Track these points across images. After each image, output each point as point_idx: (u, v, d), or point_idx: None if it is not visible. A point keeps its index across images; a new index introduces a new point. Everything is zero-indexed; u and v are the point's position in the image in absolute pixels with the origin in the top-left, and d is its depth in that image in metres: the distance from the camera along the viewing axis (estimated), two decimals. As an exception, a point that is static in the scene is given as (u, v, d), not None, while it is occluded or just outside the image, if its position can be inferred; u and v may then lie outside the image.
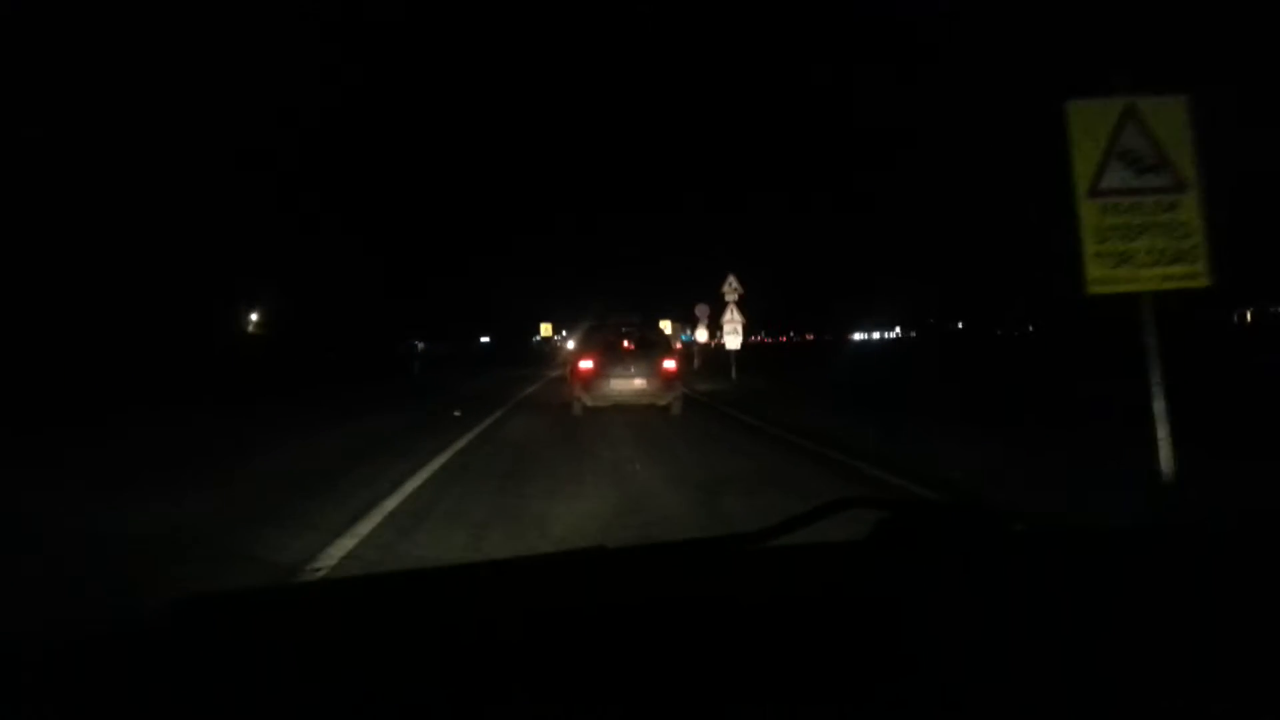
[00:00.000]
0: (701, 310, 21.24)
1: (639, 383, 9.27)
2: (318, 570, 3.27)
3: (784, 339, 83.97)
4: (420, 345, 42.49)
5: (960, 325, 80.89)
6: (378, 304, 33.30)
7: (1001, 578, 0.85)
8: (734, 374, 15.97)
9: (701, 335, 22.65)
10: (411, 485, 5.14)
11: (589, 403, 9.36)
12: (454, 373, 23.84)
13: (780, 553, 0.95)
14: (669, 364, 9.44)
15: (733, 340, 16.03)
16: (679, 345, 17.94)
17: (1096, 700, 0.59)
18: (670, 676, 0.65)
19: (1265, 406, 7.49)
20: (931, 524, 0.96)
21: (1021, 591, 0.81)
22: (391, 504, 4.55)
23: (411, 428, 8.68)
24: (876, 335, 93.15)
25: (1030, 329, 57.45)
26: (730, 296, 15.76)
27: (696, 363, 21.59)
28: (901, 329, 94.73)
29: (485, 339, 58.37)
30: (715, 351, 24.13)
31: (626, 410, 9.46)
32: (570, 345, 17.22)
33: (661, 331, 12.69)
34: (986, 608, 0.77)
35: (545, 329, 48.71)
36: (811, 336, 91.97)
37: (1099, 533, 1.10)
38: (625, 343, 9.90)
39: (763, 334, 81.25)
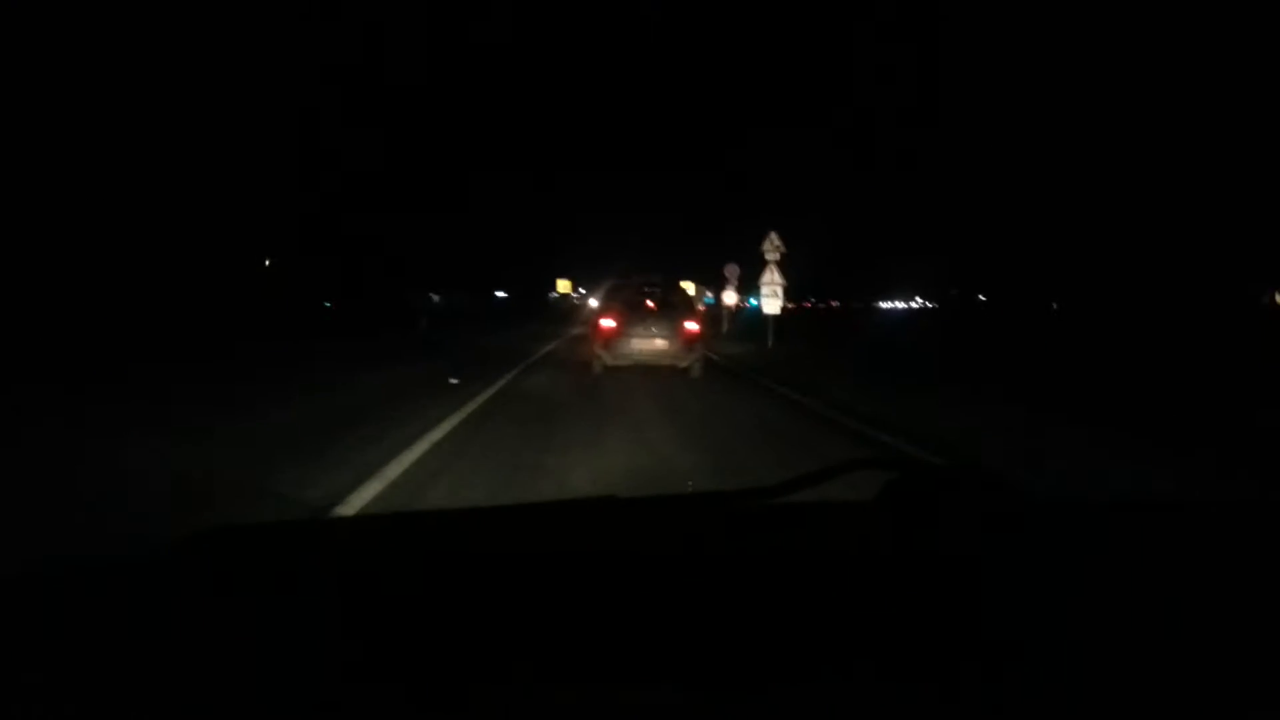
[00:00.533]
0: (731, 270, 19.47)
1: (660, 343, 9.17)
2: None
3: (807, 305, 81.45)
4: (435, 298, 40.90)
5: (982, 298, 78.74)
6: (386, 253, 31.61)
7: (1008, 544, 0.86)
8: (770, 340, 14.42)
9: (730, 297, 20.86)
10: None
11: (609, 360, 9.24)
12: (468, 329, 22.50)
13: (789, 509, 0.95)
14: (691, 325, 9.25)
15: (771, 304, 14.37)
16: (701, 308, 16.43)
17: (1102, 672, 0.59)
18: (675, 625, 0.66)
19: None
20: (940, 487, 0.95)
21: (1026, 559, 0.82)
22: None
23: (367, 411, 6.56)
24: (899, 304, 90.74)
25: (1055, 306, 55.74)
26: (771, 255, 14.09)
27: (726, 326, 19.95)
28: (922, 299, 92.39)
29: (501, 294, 55.81)
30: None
31: (649, 373, 9.13)
32: (592, 304, 15.92)
33: (684, 292, 11.92)
34: (993, 572, 0.78)
35: (563, 285, 46.17)
36: (837, 303, 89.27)
37: (1112, 506, 1.11)
38: (648, 302, 9.71)
39: (808, 300, 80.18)
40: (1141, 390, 8.80)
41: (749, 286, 19.19)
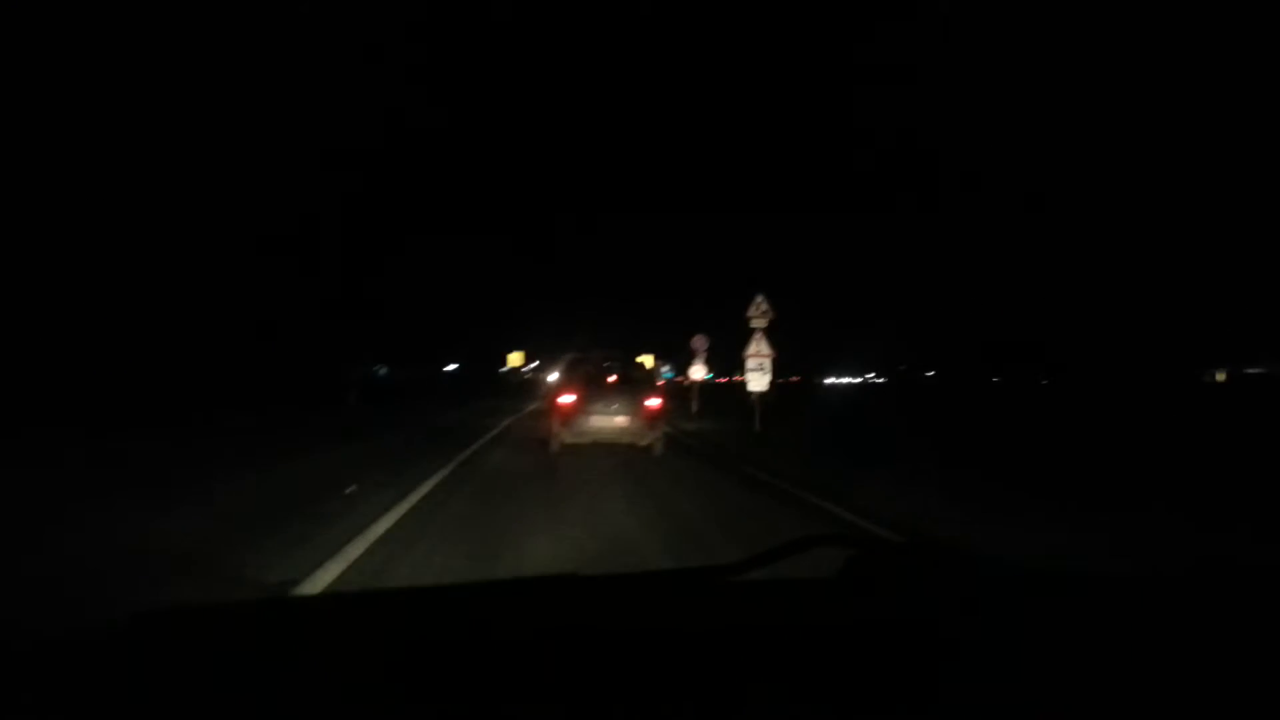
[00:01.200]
0: (700, 342, 17.46)
1: (620, 420, 8.82)
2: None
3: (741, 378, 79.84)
4: (382, 370, 37.73)
5: (930, 373, 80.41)
6: (321, 324, 28.44)
7: (969, 618, 0.85)
8: (758, 423, 12.39)
9: (699, 372, 18.51)
10: None
11: (568, 439, 8.84)
12: (410, 405, 19.82)
13: (751, 586, 0.95)
14: (652, 402, 8.94)
15: (758, 380, 12.38)
16: (660, 382, 14.62)
17: None
18: (639, 701, 0.66)
19: None
20: (899, 564, 0.97)
21: (987, 631, 0.81)
22: None
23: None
24: (846, 380, 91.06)
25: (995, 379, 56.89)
26: (759, 322, 12.24)
27: (696, 405, 17.85)
28: (868, 374, 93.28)
29: (452, 366, 51.88)
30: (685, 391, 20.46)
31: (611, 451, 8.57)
32: (551, 379, 14.15)
33: (644, 367, 11.24)
34: (951, 646, 0.78)
35: (514, 358, 41.73)
36: (797, 379, 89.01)
37: (1068, 576, 1.12)
38: (608, 378, 9.38)
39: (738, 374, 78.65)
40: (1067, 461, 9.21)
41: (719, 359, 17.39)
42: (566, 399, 8.86)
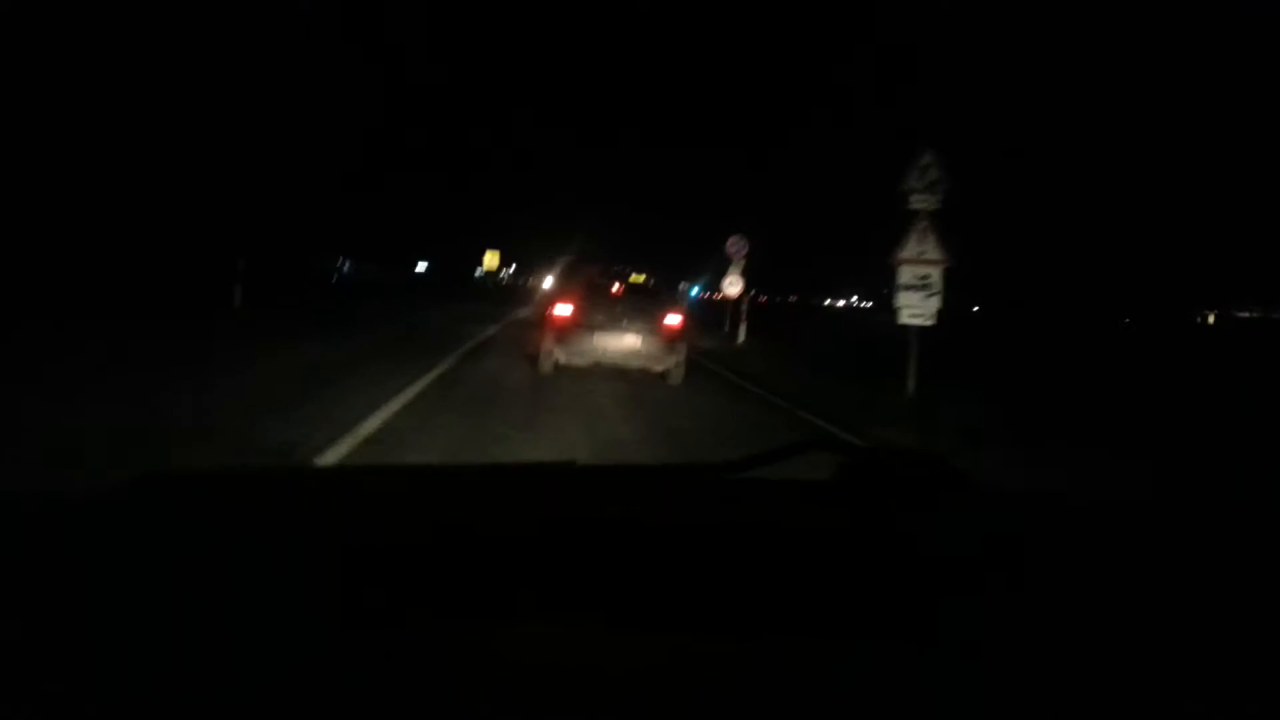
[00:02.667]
0: (737, 246, 13.98)
1: (631, 340, 7.36)
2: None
3: (762, 299, 79.33)
4: (345, 264, 34.50)
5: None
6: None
7: (954, 527, 0.87)
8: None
9: (735, 285, 14.51)
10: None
11: (563, 359, 7.36)
12: (377, 307, 17.47)
13: (745, 484, 0.98)
14: (672, 318, 7.51)
15: (919, 307, 8.14)
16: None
17: (1048, 662, 0.60)
18: (631, 590, 0.68)
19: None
20: (891, 470, 0.99)
21: (973, 545, 0.82)
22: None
23: None
24: (842, 303, 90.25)
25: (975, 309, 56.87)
26: (924, 202, 7.75)
27: (742, 333, 14.42)
28: (860, 298, 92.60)
29: (421, 266, 46.46)
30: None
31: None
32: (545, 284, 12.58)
33: (658, 280, 9.44)
34: (938, 554, 0.79)
35: (490, 259, 33.81)
36: (795, 298, 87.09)
37: (1063, 501, 1.14)
38: (617, 286, 8.06)
39: (755, 292, 77.72)
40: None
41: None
42: (563, 310, 7.32)
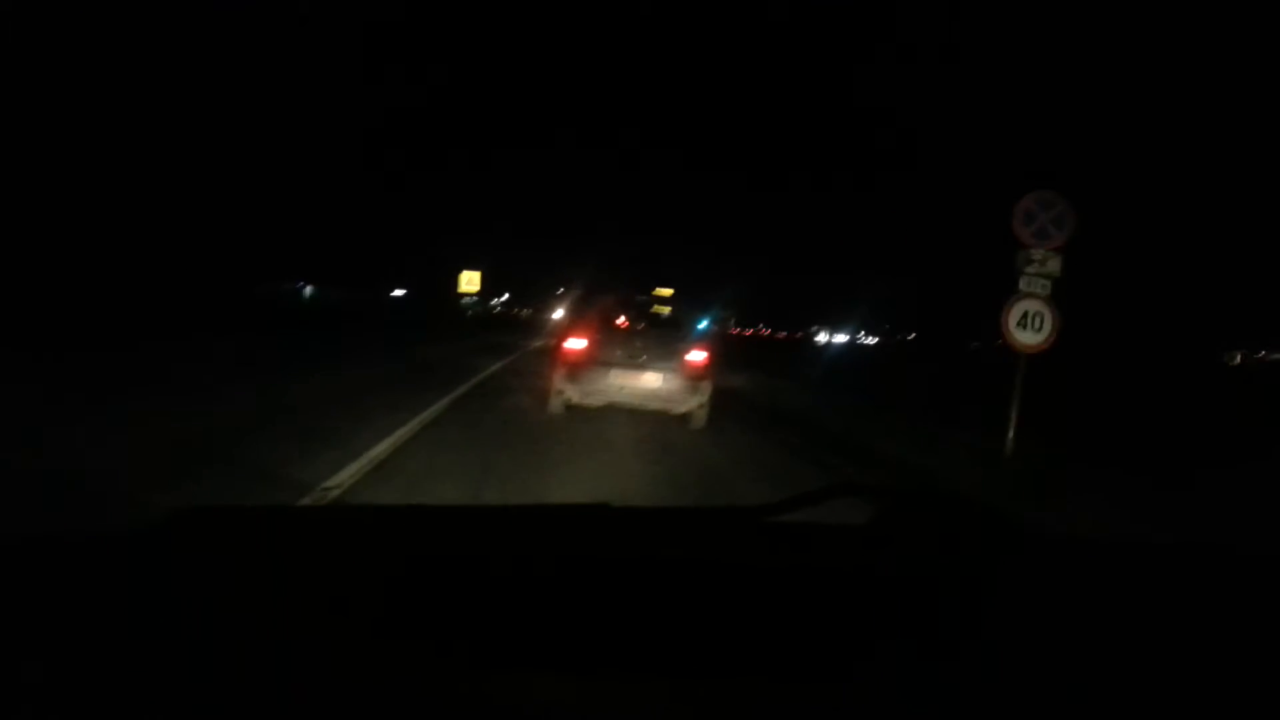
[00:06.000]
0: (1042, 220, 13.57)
1: (651, 377, 6.72)
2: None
3: (765, 332, 79.19)
4: (306, 288, 31.74)
5: (913, 335, 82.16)
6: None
7: (994, 574, 0.87)
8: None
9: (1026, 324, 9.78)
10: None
11: (575, 398, 6.79)
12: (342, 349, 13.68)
13: (780, 528, 0.97)
14: (696, 355, 6.86)
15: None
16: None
17: (1077, 704, 0.61)
18: (661, 631, 0.68)
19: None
20: (929, 516, 0.98)
21: (1012, 590, 0.82)
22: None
23: None
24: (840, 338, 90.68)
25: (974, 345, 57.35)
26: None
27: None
28: (856, 332, 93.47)
29: (399, 291, 43.15)
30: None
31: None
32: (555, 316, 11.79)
33: (683, 306, 8.37)
34: (975, 600, 0.79)
35: (468, 280, 29.00)
36: (800, 334, 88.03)
37: (1096, 542, 1.19)
38: (629, 318, 7.41)
39: (762, 326, 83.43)
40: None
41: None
42: (575, 344, 6.84)
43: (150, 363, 8.45)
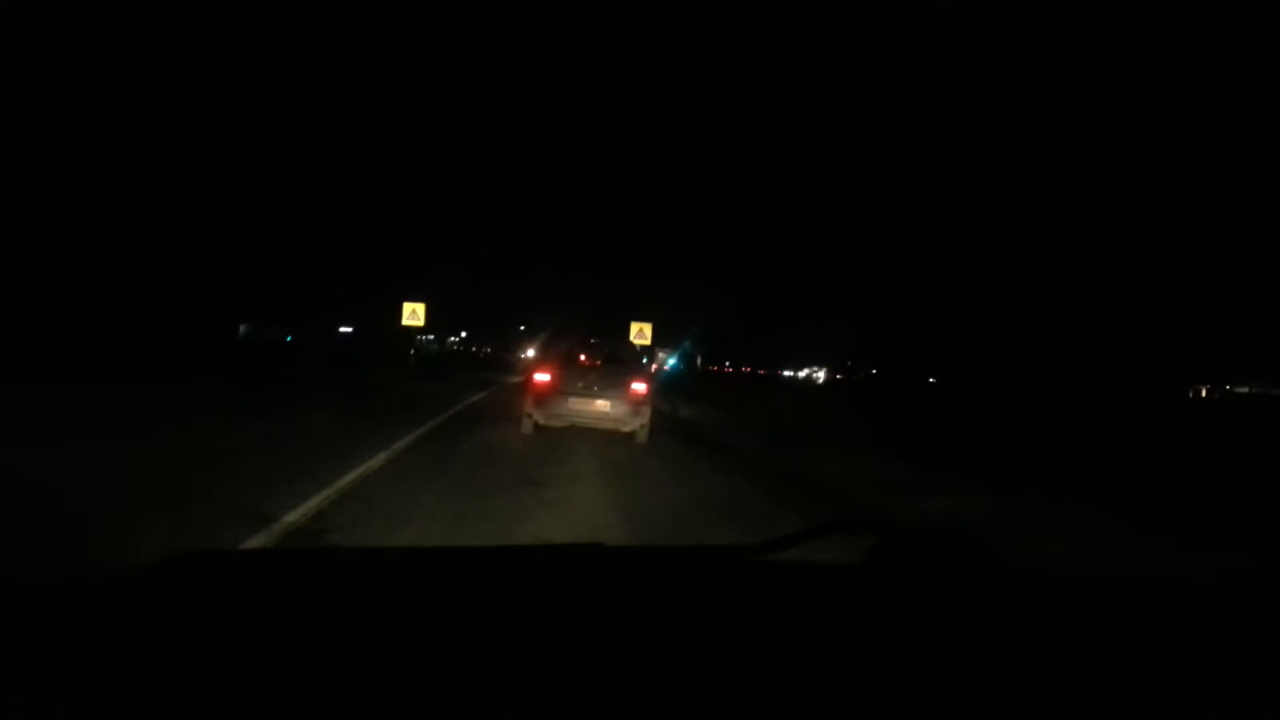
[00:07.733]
0: None
1: (602, 404, 8.43)
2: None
3: (728, 369, 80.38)
4: (241, 329, 31.10)
5: (874, 370, 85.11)
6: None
7: (987, 609, 0.87)
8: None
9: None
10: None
11: (541, 420, 8.62)
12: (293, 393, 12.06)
13: (772, 566, 0.99)
14: (638, 385, 8.57)
15: None
16: (655, 367, 13.01)
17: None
18: (657, 671, 0.69)
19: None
20: (922, 553, 0.97)
21: (1004, 625, 0.84)
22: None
23: None
24: (803, 373, 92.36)
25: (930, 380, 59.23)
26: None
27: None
28: (818, 369, 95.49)
29: (346, 329, 42.43)
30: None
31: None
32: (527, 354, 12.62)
33: (632, 347, 11.21)
34: (968, 636, 0.80)
35: (411, 312, 25.90)
36: (763, 371, 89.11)
37: (1089, 576, 1.15)
38: (586, 356, 9.18)
39: (727, 364, 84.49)
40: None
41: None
42: (542, 377, 8.53)
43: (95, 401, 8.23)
